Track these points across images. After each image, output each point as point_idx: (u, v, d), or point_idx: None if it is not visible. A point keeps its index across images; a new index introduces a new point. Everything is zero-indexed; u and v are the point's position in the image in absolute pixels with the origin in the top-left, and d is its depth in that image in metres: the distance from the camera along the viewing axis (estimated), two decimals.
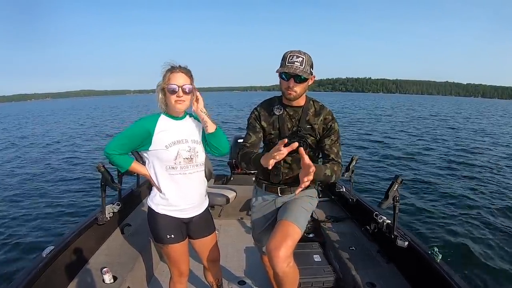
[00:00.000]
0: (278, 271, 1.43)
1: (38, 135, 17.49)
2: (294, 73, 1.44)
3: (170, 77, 1.44)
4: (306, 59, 1.45)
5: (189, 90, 1.45)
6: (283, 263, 1.41)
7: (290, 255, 1.45)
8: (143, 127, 1.47)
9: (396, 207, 2.07)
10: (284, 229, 1.49)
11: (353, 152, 10.31)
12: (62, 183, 7.55)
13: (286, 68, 1.44)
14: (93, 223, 2.26)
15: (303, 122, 1.57)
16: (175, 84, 1.43)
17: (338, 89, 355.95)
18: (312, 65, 1.49)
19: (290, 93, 1.49)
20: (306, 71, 1.45)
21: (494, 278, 3.61)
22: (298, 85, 1.47)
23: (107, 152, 1.50)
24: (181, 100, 1.45)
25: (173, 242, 1.56)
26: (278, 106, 1.62)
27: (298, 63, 1.43)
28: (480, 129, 18.73)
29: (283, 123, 1.60)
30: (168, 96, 1.45)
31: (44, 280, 1.67)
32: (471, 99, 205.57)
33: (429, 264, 1.76)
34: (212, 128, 1.54)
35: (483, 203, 5.94)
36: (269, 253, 1.44)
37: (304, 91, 1.53)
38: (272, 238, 1.48)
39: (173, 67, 1.47)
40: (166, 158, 1.49)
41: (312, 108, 1.59)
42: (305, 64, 1.45)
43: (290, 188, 1.66)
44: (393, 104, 51.96)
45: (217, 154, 1.62)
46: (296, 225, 1.50)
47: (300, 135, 1.57)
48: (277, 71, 1.49)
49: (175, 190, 1.54)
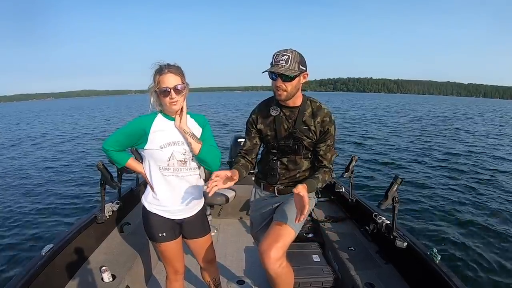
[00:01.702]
0: (270, 272, 1.44)
1: (38, 135, 17.52)
2: (279, 72, 1.40)
3: (159, 80, 1.41)
4: (292, 56, 1.41)
5: (181, 88, 1.43)
6: (274, 264, 1.41)
7: (281, 256, 1.44)
8: (139, 125, 1.47)
9: (396, 208, 2.06)
10: (277, 230, 1.49)
11: (352, 152, 10.32)
12: (62, 181, 7.56)
13: (271, 68, 1.42)
14: (93, 221, 2.26)
15: (299, 123, 1.55)
16: (167, 86, 1.40)
17: (339, 89, 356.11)
18: (301, 62, 1.44)
19: (280, 93, 1.47)
20: (293, 68, 1.40)
21: (493, 279, 3.60)
22: (287, 83, 1.44)
23: (104, 148, 1.51)
24: (175, 101, 1.42)
25: (165, 241, 1.57)
26: (274, 107, 1.59)
27: (284, 61, 1.40)
28: (480, 129, 18.71)
29: (279, 124, 1.58)
30: (162, 98, 1.43)
31: (43, 278, 1.67)
32: (473, 99, 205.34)
33: (428, 265, 1.75)
34: (197, 149, 1.48)
35: (482, 204, 5.93)
36: (260, 254, 1.45)
37: (296, 89, 1.48)
38: (264, 240, 1.48)
39: (161, 68, 1.43)
40: (160, 158, 1.48)
41: (309, 109, 1.56)
42: (291, 61, 1.40)
43: (286, 188, 1.66)
44: (393, 104, 51.90)
45: (207, 169, 1.58)
46: (290, 226, 1.49)
47: (295, 136, 1.55)
48: (262, 72, 1.46)
49: (167, 190, 1.53)
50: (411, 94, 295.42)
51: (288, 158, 1.61)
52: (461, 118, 26.55)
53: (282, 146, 1.58)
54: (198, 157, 1.51)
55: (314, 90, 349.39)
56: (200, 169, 1.60)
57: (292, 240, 1.51)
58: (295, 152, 1.57)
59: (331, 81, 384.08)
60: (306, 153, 1.58)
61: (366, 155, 10.28)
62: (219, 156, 1.58)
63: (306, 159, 1.61)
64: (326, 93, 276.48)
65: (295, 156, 1.60)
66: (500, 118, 28.81)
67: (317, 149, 1.55)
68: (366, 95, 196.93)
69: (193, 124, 1.56)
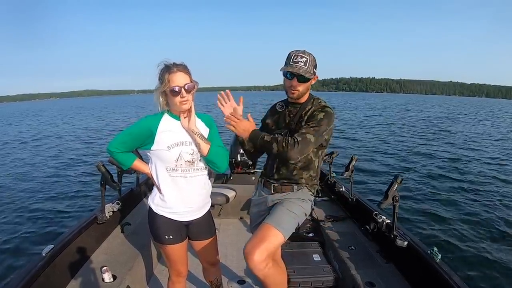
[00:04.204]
0: (257, 275, 1.42)
1: (38, 134, 17.61)
2: (298, 73, 1.48)
3: (169, 79, 1.37)
4: (310, 59, 1.49)
5: (191, 87, 1.41)
6: (259, 266, 1.39)
7: (265, 258, 1.41)
8: (145, 125, 1.44)
9: (396, 207, 2.06)
10: (262, 232, 1.47)
11: (352, 151, 10.29)
12: (62, 182, 7.56)
13: (290, 68, 1.49)
14: (93, 222, 2.26)
15: (298, 117, 1.59)
16: (177, 85, 1.37)
17: (341, 89, 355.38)
18: (315, 66, 1.53)
19: (293, 92, 1.55)
20: (310, 71, 1.49)
21: (494, 278, 3.58)
22: (301, 84, 1.52)
23: (110, 150, 1.49)
24: (186, 100, 1.40)
25: (171, 243, 1.55)
26: (281, 104, 1.71)
27: (302, 63, 1.47)
28: (481, 129, 18.63)
29: (282, 118, 1.66)
30: (171, 98, 1.40)
31: (44, 279, 1.67)
32: (475, 99, 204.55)
33: (429, 264, 1.75)
34: (205, 150, 1.47)
35: (483, 203, 5.90)
36: (244, 257, 1.42)
37: (307, 90, 1.58)
38: (249, 241, 1.46)
39: (169, 67, 1.39)
40: (167, 159, 1.45)
41: (310, 105, 1.59)
42: (309, 64, 1.49)
43: (281, 187, 1.66)
44: (395, 105, 51.74)
45: (215, 171, 1.57)
46: (277, 228, 1.47)
47: (291, 128, 1.59)
48: (281, 70, 1.53)
49: (174, 192, 1.50)
50: (413, 94, 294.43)
51: None
52: (463, 118, 26.45)
53: None
54: (206, 158, 1.49)
55: (317, 90, 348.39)
56: (207, 169, 1.58)
57: (280, 243, 1.49)
58: None
59: (334, 81, 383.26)
60: None
61: (367, 155, 10.28)
62: (227, 157, 1.57)
63: None
64: (329, 93, 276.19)
65: None
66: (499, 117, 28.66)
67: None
68: (369, 95, 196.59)
69: (200, 124, 1.54)
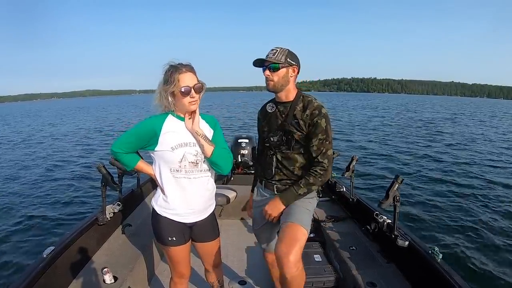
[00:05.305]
0: (288, 276, 1.42)
1: (38, 134, 17.69)
2: (268, 61, 1.53)
3: (179, 79, 1.36)
4: (280, 50, 1.54)
5: (200, 88, 1.41)
6: (293, 268, 1.41)
7: (299, 259, 1.44)
8: (149, 126, 1.43)
9: (397, 207, 2.06)
10: (292, 232, 1.48)
11: (353, 151, 10.28)
12: (63, 183, 7.57)
13: (260, 59, 1.55)
14: (94, 223, 2.27)
15: (290, 117, 1.59)
16: (188, 85, 1.36)
17: (343, 89, 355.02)
18: (289, 56, 1.55)
19: (267, 83, 1.59)
20: (280, 60, 1.53)
21: (495, 278, 3.57)
22: (274, 74, 1.55)
23: (114, 150, 1.48)
24: (195, 101, 1.40)
25: (174, 245, 1.54)
26: (271, 104, 1.72)
27: (272, 54, 1.54)
28: (483, 129, 18.58)
29: (274, 119, 1.67)
30: (180, 98, 1.38)
31: (45, 280, 1.67)
32: (477, 99, 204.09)
33: (430, 263, 1.74)
34: (209, 152, 1.45)
35: (484, 203, 5.89)
36: (278, 258, 1.43)
37: (284, 81, 1.57)
38: (281, 243, 1.46)
39: (178, 67, 1.38)
40: (171, 160, 1.44)
41: (300, 103, 1.60)
42: (278, 54, 1.53)
43: (285, 187, 1.66)
44: (395, 105, 51.64)
45: (219, 172, 1.56)
46: (303, 226, 1.51)
47: (285, 130, 1.59)
48: (253, 62, 1.58)
49: (178, 193, 1.49)
50: (415, 94, 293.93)
51: (283, 154, 1.63)
52: (464, 118, 26.38)
53: (273, 139, 1.63)
54: (210, 160, 1.47)
55: (318, 90, 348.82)
56: (211, 170, 1.56)
57: (306, 240, 1.52)
58: (285, 145, 1.60)
59: (335, 81, 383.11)
60: (297, 147, 1.59)
61: (367, 155, 10.27)
62: (231, 159, 1.56)
63: (299, 154, 1.61)
64: (330, 93, 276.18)
65: (288, 151, 1.62)
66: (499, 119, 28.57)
67: (311, 145, 1.56)
68: (370, 95, 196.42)
69: (204, 125, 1.52)
